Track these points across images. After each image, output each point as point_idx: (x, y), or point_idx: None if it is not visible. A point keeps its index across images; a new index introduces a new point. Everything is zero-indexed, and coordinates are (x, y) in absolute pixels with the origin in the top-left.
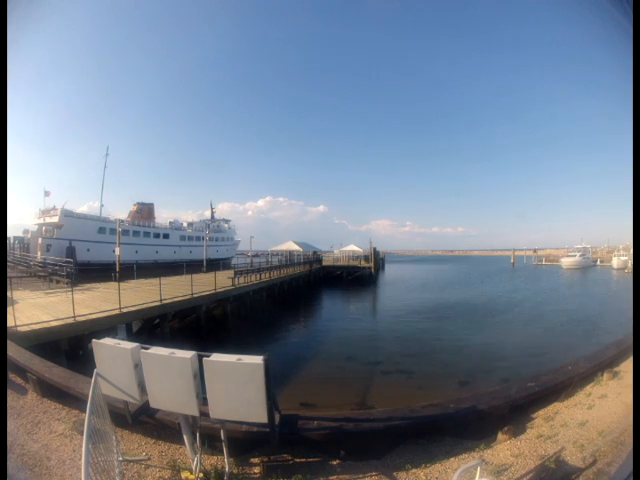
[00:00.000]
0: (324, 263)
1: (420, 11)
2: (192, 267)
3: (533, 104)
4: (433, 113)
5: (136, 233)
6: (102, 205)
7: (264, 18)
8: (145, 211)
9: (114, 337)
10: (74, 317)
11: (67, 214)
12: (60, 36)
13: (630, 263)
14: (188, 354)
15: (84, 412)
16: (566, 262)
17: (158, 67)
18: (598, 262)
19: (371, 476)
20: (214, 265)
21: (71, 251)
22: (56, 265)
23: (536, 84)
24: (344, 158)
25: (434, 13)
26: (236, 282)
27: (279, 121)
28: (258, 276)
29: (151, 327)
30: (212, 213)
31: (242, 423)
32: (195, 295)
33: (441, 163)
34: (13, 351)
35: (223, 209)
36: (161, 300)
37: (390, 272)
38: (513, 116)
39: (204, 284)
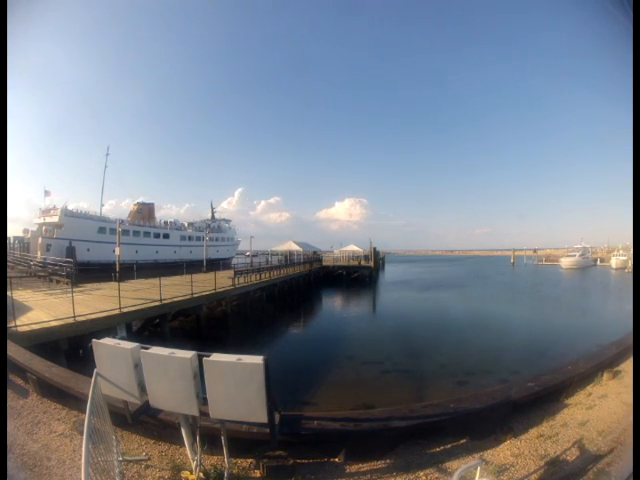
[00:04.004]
0: (324, 263)
1: (421, 14)
2: (192, 267)
3: (533, 104)
4: (433, 112)
5: (136, 233)
6: (102, 205)
7: (261, 15)
8: (145, 211)
9: (114, 337)
10: (74, 317)
11: (67, 214)
12: (60, 35)
13: (629, 263)
14: (188, 354)
15: (84, 412)
16: (566, 262)
17: (158, 66)
18: (598, 262)
19: (371, 476)
20: (214, 265)
21: (71, 251)
22: (56, 265)
23: (536, 84)
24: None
25: (436, 11)
26: (236, 282)
27: (278, 119)
28: (258, 276)
29: (151, 327)
30: (212, 213)
31: (242, 423)
32: (195, 295)
33: (442, 164)
34: (13, 351)
35: (225, 208)
36: (161, 300)
37: (390, 272)
38: (512, 115)
39: (204, 284)
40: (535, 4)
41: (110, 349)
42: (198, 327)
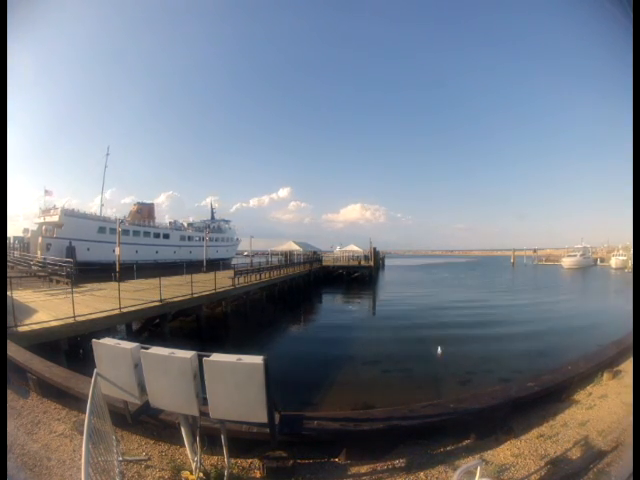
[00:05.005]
0: (324, 263)
1: (419, 13)
2: (192, 267)
3: (533, 104)
4: (434, 112)
5: (136, 233)
6: (102, 205)
7: (263, 14)
8: (145, 211)
9: (114, 337)
10: (74, 317)
11: (67, 213)
12: (60, 35)
13: (630, 263)
14: (188, 354)
15: (84, 412)
16: (566, 262)
17: (158, 66)
18: (598, 262)
19: (371, 476)
20: (214, 265)
21: (71, 251)
22: (56, 265)
23: (536, 84)
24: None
25: (438, 11)
26: (236, 282)
27: (280, 119)
28: (258, 276)
29: (151, 327)
30: (212, 213)
31: (242, 423)
32: (195, 295)
33: (446, 164)
34: (13, 351)
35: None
36: (161, 300)
37: (390, 272)
38: (513, 115)
39: (204, 284)
40: (535, 4)
41: (110, 349)
42: (198, 327)
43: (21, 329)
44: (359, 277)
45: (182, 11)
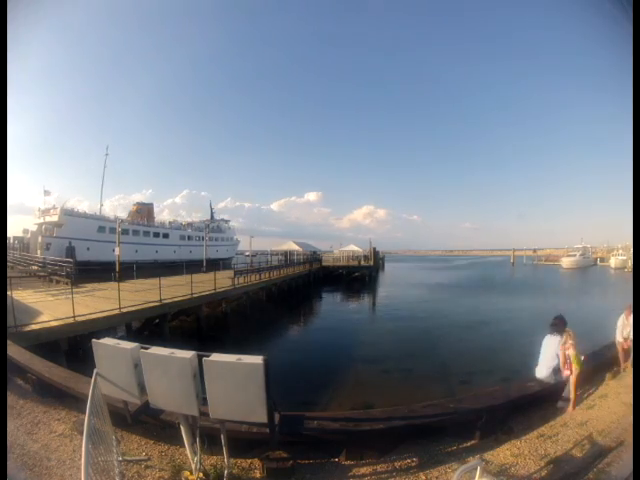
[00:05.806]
0: (324, 263)
1: (420, 11)
2: (192, 267)
3: (533, 104)
4: (435, 111)
5: (136, 232)
6: (102, 204)
7: (269, 19)
8: (145, 211)
9: (114, 337)
10: (74, 317)
11: (67, 213)
12: (61, 36)
13: (629, 263)
14: (188, 354)
15: (84, 412)
16: (566, 262)
17: (158, 67)
18: (598, 262)
19: (371, 476)
20: (214, 265)
21: (71, 250)
22: (56, 265)
23: (536, 84)
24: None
25: (435, 12)
26: (236, 282)
27: (282, 120)
28: (258, 276)
29: (151, 327)
30: (212, 213)
31: (242, 423)
32: (195, 295)
33: (446, 164)
34: (13, 351)
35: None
36: (161, 300)
37: (390, 272)
38: (513, 116)
39: (204, 284)
40: (534, 3)
41: (110, 349)
42: (198, 327)
43: (21, 329)
44: (359, 277)
45: (183, 13)
